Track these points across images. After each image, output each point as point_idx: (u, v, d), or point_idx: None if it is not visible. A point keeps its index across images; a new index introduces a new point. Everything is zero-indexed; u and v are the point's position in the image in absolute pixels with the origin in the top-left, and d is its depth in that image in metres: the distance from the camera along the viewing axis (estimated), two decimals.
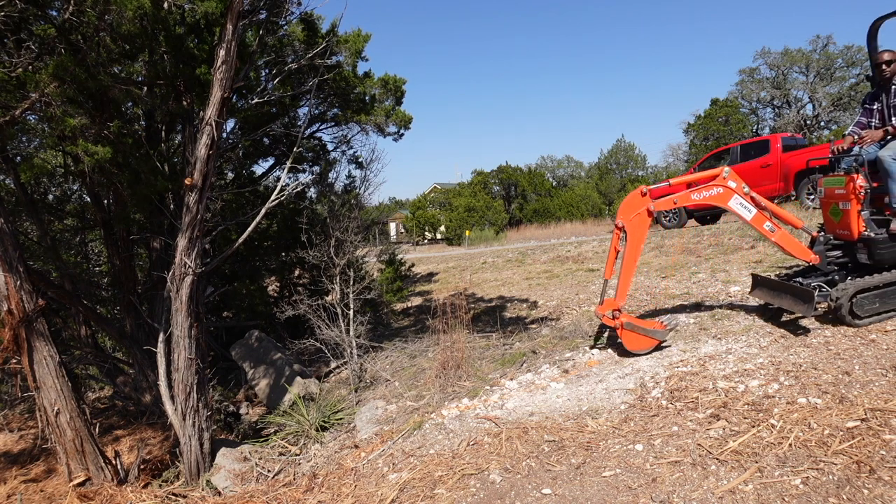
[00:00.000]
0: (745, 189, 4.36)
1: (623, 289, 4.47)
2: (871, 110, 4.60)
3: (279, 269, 9.17)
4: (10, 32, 4.49)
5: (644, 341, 4.46)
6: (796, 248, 4.44)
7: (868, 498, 2.29)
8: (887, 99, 4.44)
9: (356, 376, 6.06)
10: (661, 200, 4.41)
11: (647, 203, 4.37)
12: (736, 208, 4.37)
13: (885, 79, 4.39)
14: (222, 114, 4.18)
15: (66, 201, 8.31)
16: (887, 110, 4.45)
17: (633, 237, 4.41)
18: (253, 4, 4.69)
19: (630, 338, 4.46)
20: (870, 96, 4.65)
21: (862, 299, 4.05)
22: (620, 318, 4.44)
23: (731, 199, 4.35)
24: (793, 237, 4.48)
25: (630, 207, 4.42)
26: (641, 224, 4.41)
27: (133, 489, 4.34)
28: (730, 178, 4.35)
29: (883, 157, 4.18)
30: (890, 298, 4.11)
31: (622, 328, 4.43)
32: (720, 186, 4.36)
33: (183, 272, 4.30)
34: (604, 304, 4.54)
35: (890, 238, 4.20)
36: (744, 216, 4.38)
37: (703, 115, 31.49)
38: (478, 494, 2.97)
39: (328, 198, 8.46)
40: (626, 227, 4.40)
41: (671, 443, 3.06)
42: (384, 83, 8.35)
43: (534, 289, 9.48)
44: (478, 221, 28.44)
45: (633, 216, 4.40)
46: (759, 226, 4.40)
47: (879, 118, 4.53)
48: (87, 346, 7.20)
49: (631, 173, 37.48)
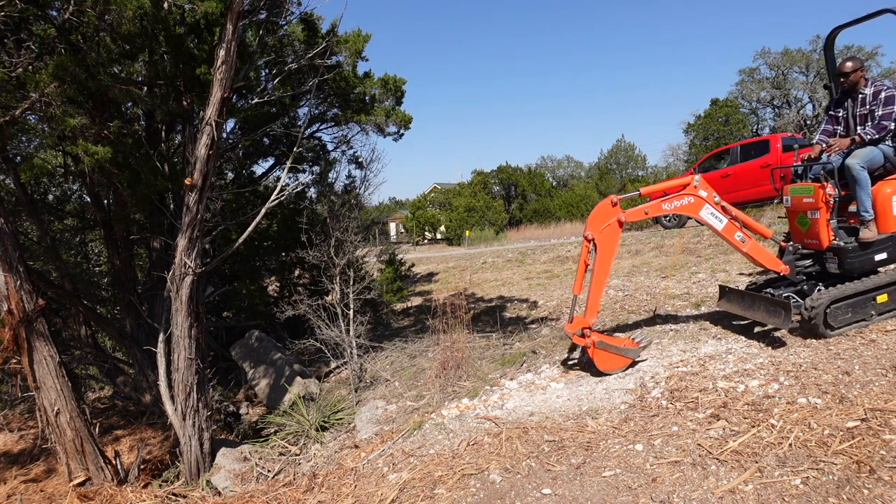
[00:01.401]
0: (716, 198, 4.25)
1: (593, 305, 4.25)
2: (836, 117, 4.53)
3: (279, 269, 9.17)
4: (10, 32, 4.49)
5: (617, 360, 4.28)
6: (767, 258, 4.35)
7: (868, 498, 2.29)
8: (853, 107, 4.37)
9: (356, 376, 6.05)
10: (632, 211, 4.25)
11: (618, 213, 4.17)
12: (707, 218, 4.23)
13: (848, 87, 4.33)
14: (222, 114, 4.18)
15: (66, 201, 8.30)
16: (853, 119, 4.38)
17: (604, 249, 4.20)
18: (253, 4, 4.69)
19: (602, 357, 4.26)
20: (834, 103, 4.58)
21: (835, 310, 4.01)
22: (591, 337, 4.22)
23: (703, 208, 4.23)
24: (763, 247, 4.40)
25: (600, 218, 4.18)
26: (612, 235, 4.20)
27: (133, 489, 4.34)
28: (700, 186, 4.22)
29: (851, 165, 4.12)
30: (861, 308, 4.09)
31: (594, 347, 4.22)
32: (691, 196, 4.23)
33: (183, 272, 4.30)
34: (573, 322, 4.27)
35: (859, 247, 4.17)
36: (714, 226, 4.26)
37: (703, 115, 31.47)
38: (478, 494, 2.97)
39: (328, 198, 8.46)
40: (595, 238, 4.17)
41: (671, 443, 3.06)
42: (384, 83, 8.35)
43: (534, 289, 9.48)
44: (478, 221, 28.44)
45: (603, 227, 4.17)
46: (730, 236, 4.28)
47: (845, 126, 4.47)
48: (87, 346, 7.19)
49: (631, 173, 37.45)
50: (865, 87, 4.28)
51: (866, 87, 4.28)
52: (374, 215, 13.58)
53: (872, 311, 4.12)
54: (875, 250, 4.19)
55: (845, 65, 4.28)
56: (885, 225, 4.21)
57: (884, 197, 4.20)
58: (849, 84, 4.31)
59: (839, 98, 4.52)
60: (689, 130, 32.75)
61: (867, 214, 4.16)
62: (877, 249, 4.20)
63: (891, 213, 4.21)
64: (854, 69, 4.24)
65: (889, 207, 4.20)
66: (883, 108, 4.15)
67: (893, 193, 4.20)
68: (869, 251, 4.18)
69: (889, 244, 4.22)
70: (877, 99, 4.20)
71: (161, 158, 5.61)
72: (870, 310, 4.12)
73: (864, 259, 4.18)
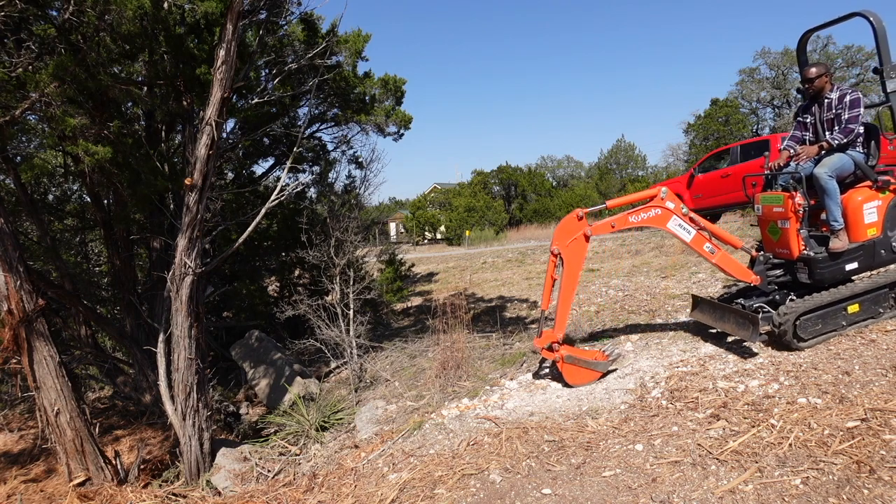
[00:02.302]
0: (684, 210, 4.18)
1: (562, 319, 4.23)
2: (804, 123, 4.42)
3: (279, 269, 9.17)
4: (10, 32, 4.49)
5: (586, 374, 4.23)
6: (737, 269, 4.28)
7: (868, 498, 2.29)
8: (820, 113, 4.28)
9: (356, 376, 6.05)
10: (599, 224, 4.21)
11: (584, 227, 4.14)
12: (675, 230, 4.18)
13: (814, 92, 4.26)
14: (222, 114, 4.18)
15: (66, 201, 8.31)
16: (820, 125, 4.29)
17: (571, 264, 4.17)
18: (253, 4, 4.69)
19: (571, 371, 4.22)
20: (802, 109, 4.48)
21: (805, 321, 3.90)
22: (560, 351, 4.21)
23: (670, 220, 4.16)
24: (733, 258, 4.33)
25: (566, 232, 4.16)
26: (579, 249, 4.17)
27: (133, 489, 4.35)
28: (667, 198, 4.15)
29: (819, 174, 4.01)
30: (832, 319, 3.98)
31: (562, 361, 4.20)
32: (658, 208, 4.15)
33: (183, 272, 4.30)
34: (542, 337, 4.24)
35: (830, 257, 4.07)
36: (683, 238, 4.20)
37: (703, 115, 31.48)
38: (478, 494, 2.97)
39: (328, 198, 8.46)
40: (562, 253, 4.14)
41: (671, 443, 3.06)
42: (384, 83, 8.35)
43: (534, 289, 9.48)
44: (478, 221, 28.44)
45: (569, 241, 4.14)
46: (699, 247, 4.22)
47: (813, 131, 4.37)
48: (87, 346, 7.19)
49: (631, 173, 37.46)
50: (831, 92, 4.18)
51: (832, 92, 4.18)
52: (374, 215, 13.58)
53: (844, 322, 4.01)
54: (846, 260, 4.09)
55: (809, 70, 4.19)
56: (856, 234, 4.10)
57: (854, 205, 4.08)
58: (814, 89, 4.21)
59: (807, 104, 4.43)
60: (689, 130, 32.76)
61: (837, 224, 4.05)
62: (847, 259, 4.09)
63: (861, 222, 4.09)
64: (818, 75, 4.15)
65: (860, 216, 4.08)
66: (849, 112, 4.05)
67: (864, 202, 4.09)
68: (839, 261, 4.08)
69: (860, 253, 4.11)
70: (842, 102, 4.10)
71: (161, 158, 5.61)
72: (841, 320, 4.00)
73: (834, 269, 4.08)
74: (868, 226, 4.11)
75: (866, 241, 4.12)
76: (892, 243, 4.17)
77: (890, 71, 4.01)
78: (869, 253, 4.13)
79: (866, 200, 4.10)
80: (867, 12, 4.02)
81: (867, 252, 4.13)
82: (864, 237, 4.11)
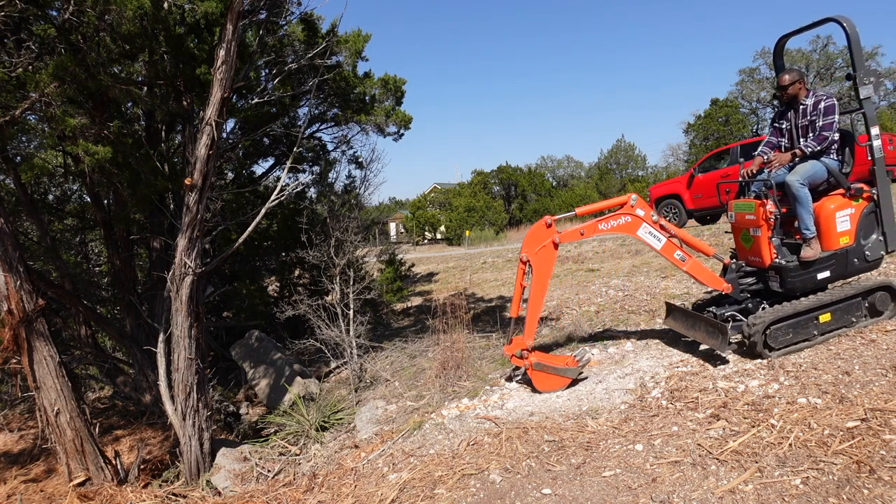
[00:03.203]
0: (654, 217, 4.16)
1: (531, 326, 4.22)
2: (780, 129, 4.38)
3: (279, 269, 9.17)
4: (10, 32, 4.49)
5: (555, 381, 4.22)
6: (708, 277, 4.24)
7: (868, 498, 2.29)
8: (795, 119, 4.23)
9: (356, 376, 6.06)
10: (568, 231, 4.20)
11: (553, 235, 4.12)
12: (645, 237, 4.16)
13: (789, 99, 4.20)
14: (222, 114, 4.18)
15: (66, 201, 8.31)
16: (795, 131, 4.24)
17: (540, 271, 4.15)
18: (253, 4, 4.69)
19: (540, 378, 4.22)
20: (778, 114, 4.42)
21: (776, 331, 3.84)
22: (530, 358, 4.20)
23: (640, 227, 4.14)
24: (704, 266, 4.29)
25: (535, 240, 4.14)
26: (548, 257, 4.15)
27: (133, 489, 4.35)
28: (637, 205, 4.12)
29: (791, 181, 3.96)
30: (804, 328, 3.91)
31: (532, 368, 4.20)
32: (628, 215, 4.13)
33: (183, 272, 4.30)
34: (512, 344, 4.27)
35: (802, 265, 4.02)
36: (653, 245, 4.18)
37: (703, 115, 31.50)
38: (478, 494, 2.97)
39: (328, 198, 8.46)
40: (531, 260, 4.14)
41: (671, 443, 3.06)
42: (384, 83, 8.35)
43: None
44: (478, 221, 28.46)
45: (538, 249, 4.13)
46: (670, 255, 4.20)
47: (789, 138, 4.32)
48: (87, 346, 7.19)
49: (631, 173, 37.50)
50: (806, 98, 4.14)
51: (807, 98, 4.13)
52: (374, 215, 13.58)
53: (815, 332, 3.94)
54: (818, 268, 4.03)
55: (783, 77, 4.15)
56: (828, 242, 4.04)
57: (827, 213, 4.02)
58: (789, 96, 4.17)
59: (783, 109, 4.38)
60: (689, 130, 32.79)
61: (809, 232, 4.00)
62: (819, 268, 4.04)
63: (834, 231, 4.03)
64: (792, 81, 4.11)
65: (832, 224, 4.02)
66: (823, 119, 4.00)
67: (837, 209, 4.02)
68: (811, 269, 4.02)
69: (833, 262, 4.05)
70: (817, 109, 4.05)
71: (161, 158, 5.61)
72: (813, 330, 3.93)
73: (806, 277, 4.02)
74: (841, 234, 4.04)
75: (839, 250, 4.05)
76: (866, 252, 4.10)
77: (863, 77, 3.96)
78: (841, 261, 4.07)
79: (839, 208, 4.04)
80: (841, 18, 3.95)
81: (840, 261, 4.07)
82: (836, 245, 4.04)
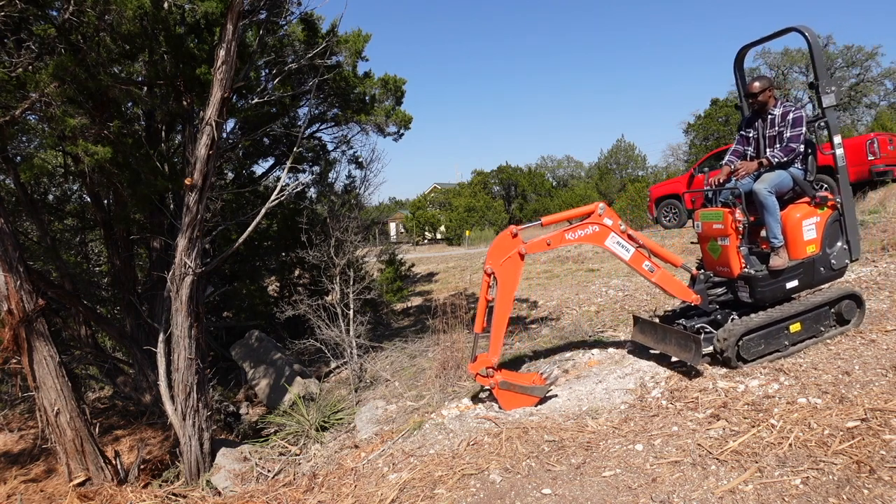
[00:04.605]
0: (622, 227, 4.05)
1: (496, 343, 4.00)
2: (746, 138, 4.34)
3: (279, 269, 9.17)
4: (10, 32, 4.49)
5: (522, 399, 4.04)
6: (676, 288, 4.14)
7: (868, 498, 2.29)
8: (763, 128, 4.20)
9: (356, 376, 6.06)
10: (533, 242, 4.03)
11: (518, 245, 3.94)
12: (613, 248, 4.04)
13: (758, 107, 4.17)
14: (222, 114, 4.18)
15: (66, 201, 8.31)
16: (763, 140, 4.21)
17: (505, 283, 3.95)
18: (253, 4, 4.69)
19: (507, 397, 4.03)
20: (745, 122, 4.40)
21: (748, 342, 3.79)
22: (495, 377, 4.01)
23: (608, 238, 4.01)
24: (673, 277, 4.19)
25: (500, 250, 3.94)
26: (513, 268, 3.96)
27: (133, 489, 4.35)
28: (605, 215, 4.01)
29: (758, 190, 3.91)
30: (775, 338, 3.87)
31: (497, 388, 4.01)
32: (595, 224, 4.00)
33: (183, 272, 4.30)
34: (476, 362, 4.04)
35: (770, 275, 3.96)
36: (621, 256, 4.06)
37: (703, 115, 31.48)
38: (478, 494, 2.97)
39: (328, 198, 8.46)
40: (495, 272, 3.94)
41: (671, 443, 3.06)
42: (384, 83, 8.35)
43: (534, 289, 9.49)
44: (478, 221, 28.45)
45: (503, 260, 3.92)
46: (638, 266, 4.08)
47: (755, 147, 4.29)
48: (87, 346, 7.20)
49: (631, 173, 37.49)
50: (775, 108, 4.11)
51: (776, 108, 4.10)
52: (374, 215, 13.56)
53: (786, 342, 3.90)
54: (786, 278, 3.99)
55: (753, 85, 4.10)
56: (795, 251, 4.01)
57: (793, 222, 3.99)
58: (758, 104, 4.14)
59: (750, 118, 4.32)
60: (689, 130, 32.77)
61: (776, 241, 3.95)
62: (788, 277, 3.99)
63: (801, 239, 4.00)
64: (762, 89, 4.07)
65: (799, 233, 4.00)
66: (791, 130, 3.97)
67: (804, 218, 4.00)
68: (780, 279, 3.97)
69: (800, 271, 4.01)
70: (785, 120, 4.02)
71: (161, 158, 5.61)
72: (784, 340, 3.90)
73: (775, 287, 3.97)
74: (807, 242, 4.02)
75: (806, 259, 4.02)
76: (832, 260, 4.08)
77: (826, 86, 3.93)
78: (809, 270, 4.04)
79: (805, 217, 4.01)
80: (802, 27, 3.93)
81: (807, 269, 4.03)
82: (803, 254, 4.02)
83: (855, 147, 9.40)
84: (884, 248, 6.85)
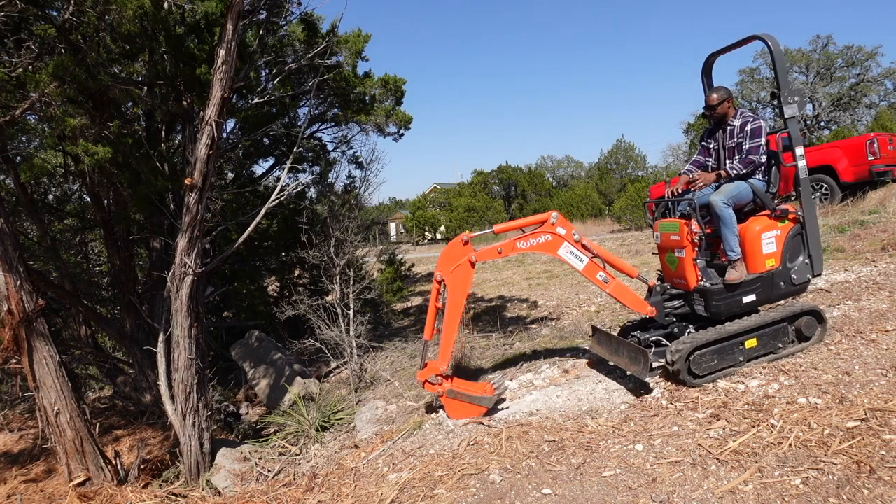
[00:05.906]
0: (576, 236, 3.94)
1: (445, 350, 3.96)
2: (708, 148, 4.29)
3: (279, 269, 9.17)
4: (10, 32, 4.49)
5: (470, 409, 3.98)
6: (631, 299, 4.03)
7: (868, 498, 2.29)
8: (723, 139, 4.15)
9: (356, 376, 6.05)
10: (484, 250, 3.97)
11: (469, 253, 3.90)
12: (566, 257, 3.95)
13: (717, 119, 4.12)
14: (222, 114, 4.18)
15: (66, 201, 8.30)
16: (723, 151, 4.15)
17: (455, 291, 3.92)
18: (253, 4, 4.69)
19: (454, 406, 3.99)
20: (707, 132, 4.33)
21: (700, 357, 3.66)
22: (444, 385, 3.97)
23: (561, 247, 3.92)
24: (628, 288, 4.09)
25: (450, 258, 3.91)
26: (464, 276, 3.92)
27: (133, 489, 4.35)
28: (558, 223, 3.91)
29: (715, 201, 3.81)
30: (729, 354, 3.74)
31: (444, 396, 3.98)
32: (548, 233, 3.91)
33: (183, 272, 4.30)
34: (426, 369, 4.02)
35: (727, 288, 3.84)
36: (575, 266, 3.97)
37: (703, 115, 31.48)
38: (478, 494, 2.97)
39: (328, 198, 8.45)
40: (445, 280, 3.91)
41: (671, 443, 3.06)
42: (384, 83, 8.34)
43: (534, 289, 9.49)
44: (478, 221, 28.42)
45: (454, 268, 3.89)
46: (592, 276, 4.00)
47: (716, 157, 4.23)
48: (87, 346, 7.19)
49: (631, 173, 37.46)
50: (734, 118, 4.05)
51: (735, 118, 4.04)
52: (374, 215, 13.57)
53: (741, 357, 3.77)
54: (743, 292, 3.87)
55: (711, 97, 4.05)
56: (754, 265, 3.88)
57: (752, 235, 3.87)
58: (717, 116, 4.09)
59: (712, 128, 4.27)
60: (689, 130, 32.74)
61: (733, 254, 3.84)
62: (745, 291, 3.87)
63: (760, 253, 3.88)
64: (720, 101, 4.03)
65: (758, 246, 3.87)
66: (750, 141, 3.91)
67: (763, 231, 3.87)
68: (736, 293, 3.85)
69: (758, 285, 3.89)
70: (744, 131, 3.96)
71: (161, 158, 5.61)
72: (738, 356, 3.76)
73: (731, 301, 3.85)
74: (766, 256, 3.90)
75: (765, 273, 3.90)
76: (792, 275, 3.94)
77: (788, 96, 3.84)
78: (767, 284, 3.91)
79: (765, 230, 3.89)
80: (765, 35, 3.84)
81: (766, 284, 3.91)
82: (762, 268, 3.89)
83: (855, 147, 9.39)
84: (884, 248, 6.84)
